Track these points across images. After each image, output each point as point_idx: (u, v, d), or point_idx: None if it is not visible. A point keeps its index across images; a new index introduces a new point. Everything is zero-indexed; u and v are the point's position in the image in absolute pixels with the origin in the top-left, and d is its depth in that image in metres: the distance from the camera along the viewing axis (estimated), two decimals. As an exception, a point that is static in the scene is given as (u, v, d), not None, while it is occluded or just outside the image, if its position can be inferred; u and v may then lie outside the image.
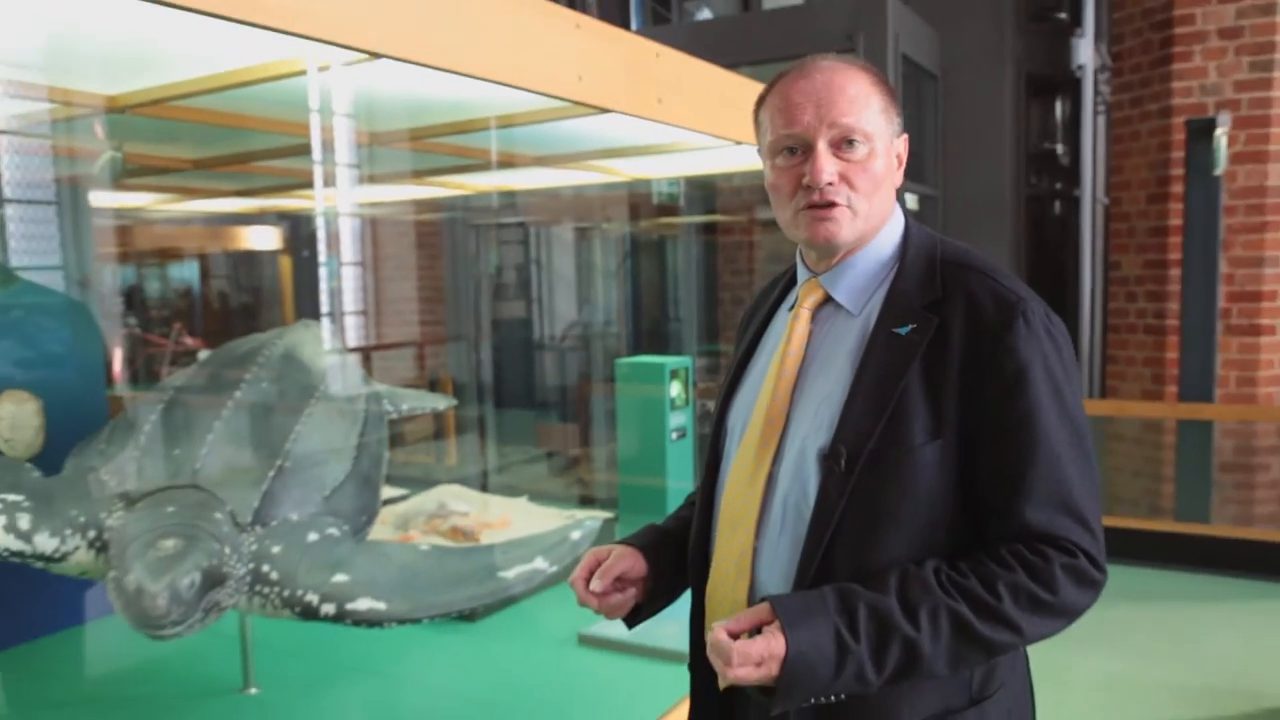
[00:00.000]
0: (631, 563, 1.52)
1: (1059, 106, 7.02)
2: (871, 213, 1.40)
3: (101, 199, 3.70)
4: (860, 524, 1.31)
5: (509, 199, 6.35)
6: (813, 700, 1.26)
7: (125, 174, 3.60)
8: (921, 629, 1.23)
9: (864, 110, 1.37)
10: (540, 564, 2.81)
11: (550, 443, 6.80)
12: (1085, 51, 7.04)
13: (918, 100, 6.61)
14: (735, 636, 1.22)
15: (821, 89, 1.37)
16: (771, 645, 1.20)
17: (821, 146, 1.36)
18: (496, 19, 2.36)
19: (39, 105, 2.85)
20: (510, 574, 2.77)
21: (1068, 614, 1.28)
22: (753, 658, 1.20)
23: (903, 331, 1.33)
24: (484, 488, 4.88)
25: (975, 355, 1.30)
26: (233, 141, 3.42)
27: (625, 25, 8.62)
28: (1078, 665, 4.22)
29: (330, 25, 1.93)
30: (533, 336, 8.15)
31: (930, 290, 1.36)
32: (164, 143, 3.41)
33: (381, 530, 3.98)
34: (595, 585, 1.48)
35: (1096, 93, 7.22)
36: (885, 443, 1.30)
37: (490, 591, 2.75)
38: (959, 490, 1.31)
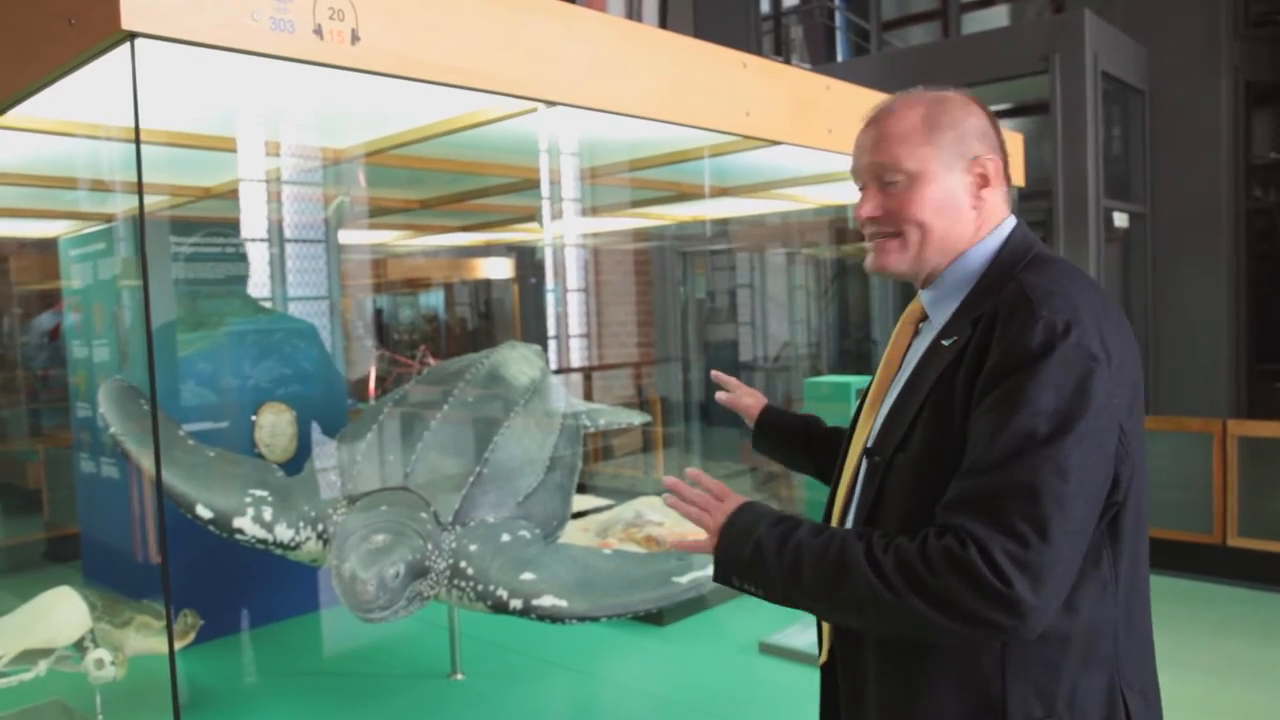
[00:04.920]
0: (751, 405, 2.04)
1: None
2: (930, 238, 1.46)
3: (344, 237, 4.21)
4: (890, 520, 1.40)
5: (716, 228, 6.56)
6: (736, 582, 1.42)
7: (363, 215, 4.09)
8: (816, 541, 1.34)
9: (904, 146, 1.45)
10: (711, 571, 2.95)
11: (753, 459, 6.93)
12: (1317, 54, 6.43)
13: (1123, 117, 6.29)
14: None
15: (870, 135, 1.50)
16: (726, 504, 1.45)
17: (871, 186, 1.49)
18: (664, 64, 2.56)
19: (289, 161, 3.33)
20: (683, 579, 2.93)
21: (956, 610, 1.20)
22: (710, 504, 1.46)
23: (946, 342, 1.41)
24: (684, 501, 5.06)
25: (978, 362, 1.33)
26: (450, 184, 3.82)
27: (832, 59, 8.68)
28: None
29: (503, 80, 2.18)
30: (740, 357, 8.31)
31: (983, 304, 1.39)
32: (393, 187, 3.86)
33: (583, 536, 4.26)
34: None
35: (1335, 96, 6.56)
36: (905, 446, 1.40)
37: (664, 596, 2.91)
38: None
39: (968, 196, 1.47)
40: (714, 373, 2.13)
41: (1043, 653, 1.30)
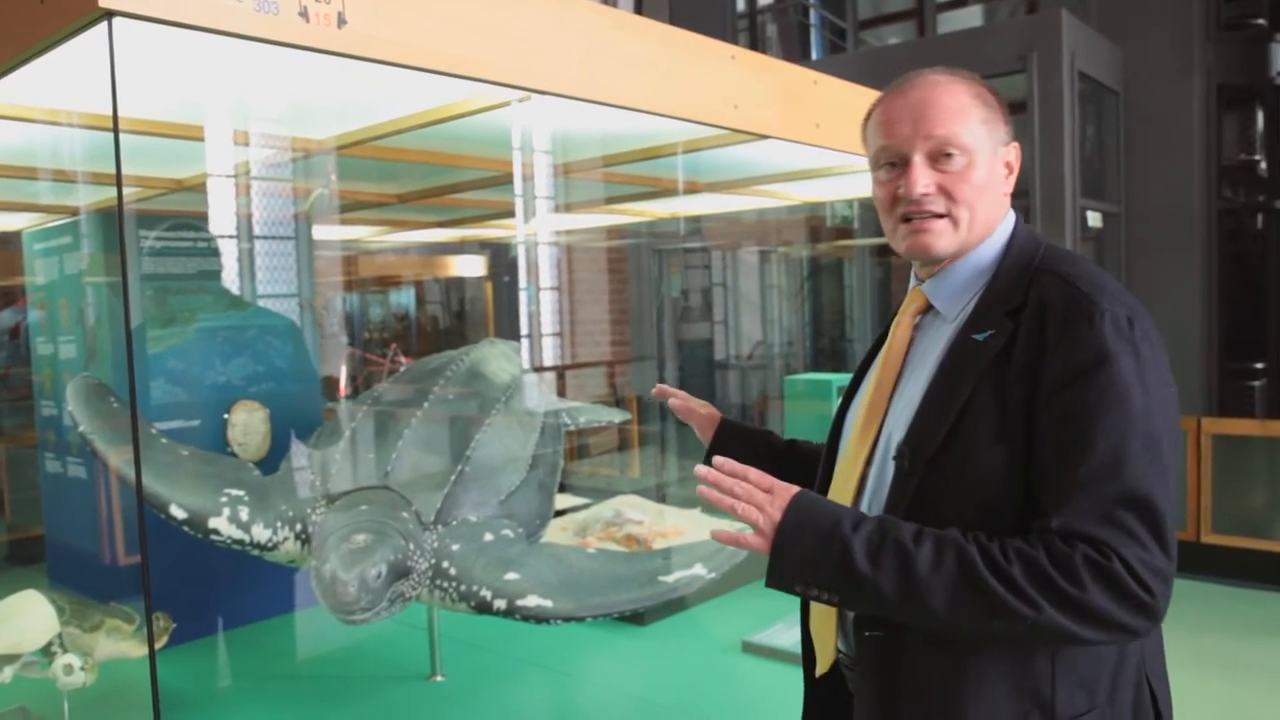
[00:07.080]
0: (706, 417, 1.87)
1: (1258, 116, 6.50)
2: (975, 221, 1.41)
3: (319, 232, 4.13)
4: (923, 524, 1.30)
5: (691, 224, 6.53)
6: (799, 587, 1.28)
7: (338, 209, 4.01)
8: (922, 549, 1.23)
9: (961, 122, 1.38)
10: (699, 570, 2.91)
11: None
12: (1286, 58, 6.54)
13: (1098, 117, 6.36)
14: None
15: (917, 104, 1.40)
16: (776, 497, 1.30)
17: (917, 159, 1.39)
18: (652, 54, 2.51)
19: (265, 151, 3.25)
20: (670, 579, 2.89)
21: (1099, 621, 1.19)
22: (758, 498, 1.30)
23: (980, 337, 1.34)
24: (663, 499, 5.04)
25: (1037, 359, 1.27)
26: (429, 177, 3.75)
27: (806, 56, 8.67)
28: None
29: (492, 68, 2.13)
30: (714, 355, 8.29)
31: (1014, 297, 1.34)
32: (371, 180, 3.79)
33: (562, 536, 4.21)
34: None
35: (1302, 100, 6.67)
36: (949, 446, 1.31)
37: (650, 595, 2.87)
38: (1024, 497, 1.28)
39: (1001, 183, 1.44)
40: (658, 386, 1.99)
41: (1089, 649, 1.29)
